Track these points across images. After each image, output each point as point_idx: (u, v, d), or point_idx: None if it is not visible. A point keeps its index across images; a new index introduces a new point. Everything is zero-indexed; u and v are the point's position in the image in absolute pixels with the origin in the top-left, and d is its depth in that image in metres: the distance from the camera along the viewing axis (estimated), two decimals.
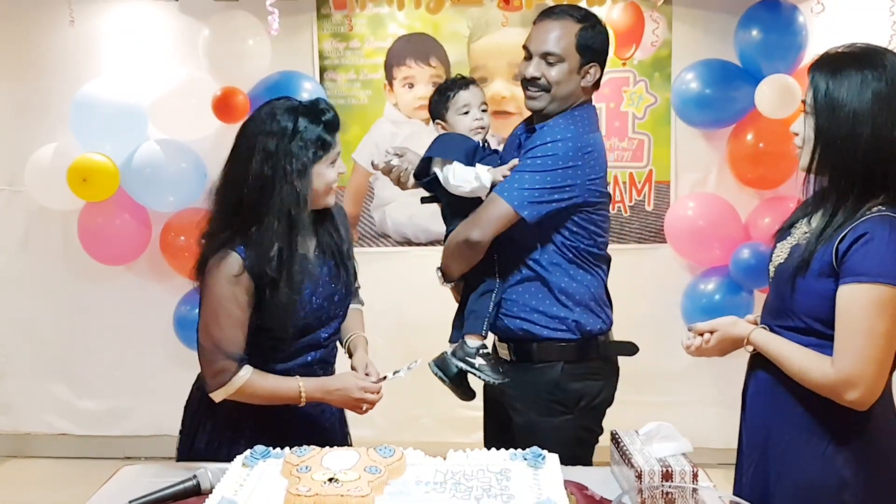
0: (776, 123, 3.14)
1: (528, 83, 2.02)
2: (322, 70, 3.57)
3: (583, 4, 3.12)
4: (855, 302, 1.44)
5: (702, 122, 3.46)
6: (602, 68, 2.05)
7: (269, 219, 1.74)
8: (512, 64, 3.52)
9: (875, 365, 1.44)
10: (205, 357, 1.79)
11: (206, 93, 3.29)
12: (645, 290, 3.60)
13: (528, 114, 2.14)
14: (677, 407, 3.48)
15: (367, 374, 1.90)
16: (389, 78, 3.58)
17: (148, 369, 3.71)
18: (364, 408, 1.85)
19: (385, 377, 1.89)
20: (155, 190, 3.39)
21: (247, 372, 1.77)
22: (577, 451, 1.60)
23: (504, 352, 2.11)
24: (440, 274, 2.16)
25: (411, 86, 3.58)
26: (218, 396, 1.78)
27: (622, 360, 3.73)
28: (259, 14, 3.23)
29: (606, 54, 2.06)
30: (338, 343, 2.03)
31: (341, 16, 3.52)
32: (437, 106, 2.13)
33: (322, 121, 1.78)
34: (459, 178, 2.00)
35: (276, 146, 1.75)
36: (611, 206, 2.14)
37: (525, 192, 1.93)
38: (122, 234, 3.48)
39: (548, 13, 2.03)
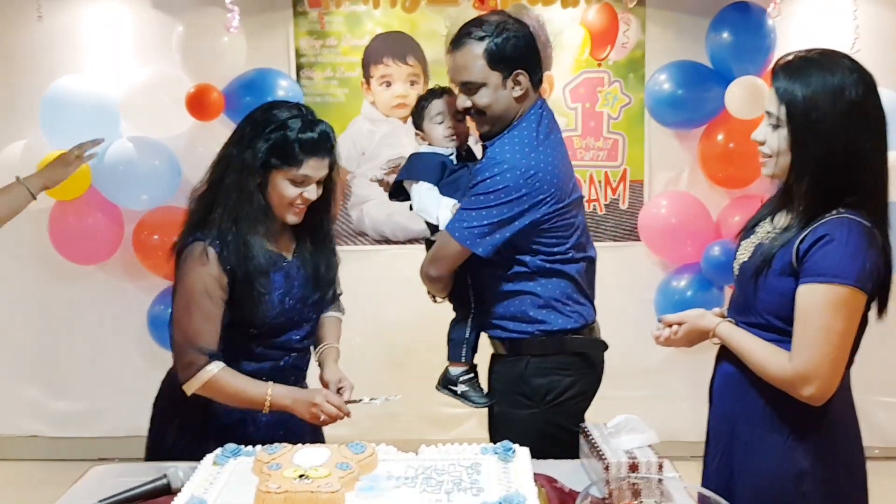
0: (746, 124, 3.18)
1: (466, 113, 2.01)
2: (298, 68, 3.57)
3: (556, 7, 3.14)
4: (813, 301, 1.47)
5: (674, 123, 3.51)
6: (532, 69, 1.97)
7: (224, 205, 1.75)
8: None
9: (830, 362, 1.47)
10: (176, 349, 1.78)
11: (179, 90, 3.26)
12: (619, 287, 3.63)
13: None
14: (651, 401, 3.52)
15: (339, 389, 1.86)
16: (367, 76, 3.58)
17: (121, 369, 3.68)
18: (322, 419, 1.78)
19: (359, 400, 1.85)
20: (127, 188, 3.36)
21: (216, 367, 1.75)
22: (543, 445, 1.62)
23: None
24: (430, 295, 2.18)
25: (389, 84, 3.58)
26: (188, 389, 1.77)
27: None
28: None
29: (531, 55, 1.97)
30: (311, 349, 2.02)
31: (317, 13, 3.52)
32: (416, 117, 2.15)
33: (298, 134, 1.74)
34: (422, 206, 2.05)
35: (248, 132, 1.77)
36: (579, 209, 2.09)
37: (474, 229, 1.93)
38: (94, 233, 3.44)
39: (453, 42, 1.97)
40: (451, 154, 2.10)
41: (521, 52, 1.95)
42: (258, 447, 1.48)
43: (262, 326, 1.81)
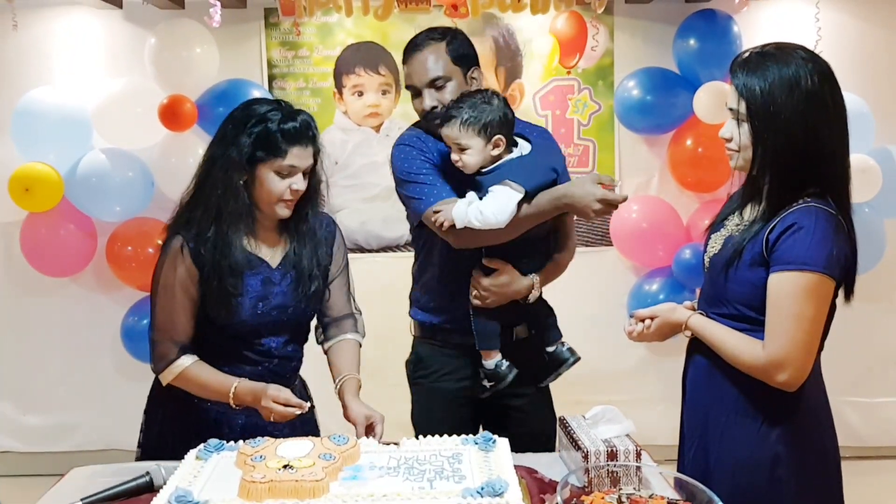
0: (714, 129, 3.23)
1: (429, 115, 2.02)
2: (271, 78, 3.59)
3: (526, 13, 3.21)
4: (784, 289, 1.51)
5: (643, 128, 3.58)
6: (479, 69, 2.10)
7: (206, 203, 1.78)
8: None
9: (803, 348, 1.51)
10: (151, 340, 1.84)
11: (152, 101, 3.26)
12: (592, 292, 3.69)
13: None
14: (625, 405, 3.49)
15: (369, 426, 1.80)
16: (339, 86, 3.61)
17: (95, 382, 3.64)
18: (272, 418, 1.75)
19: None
20: (100, 199, 3.34)
21: (189, 360, 1.80)
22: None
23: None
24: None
25: (361, 94, 3.61)
26: (163, 380, 1.82)
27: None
28: (206, 22, 3.23)
29: (477, 56, 2.10)
30: (298, 357, 2.00)
31: (290, 24, 3.54)
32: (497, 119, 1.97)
33: (280, 125, 1.75)
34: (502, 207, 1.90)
35: (230, 130, 1.79)
36: None
37: None
38: (66, 245, 3.41)
39: (412, 48, 2.04)
40: None
41: (473, 52, 2.08)
42: (241, 442, 1.48)
43: (232, 327, 1.82)
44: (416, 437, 1.55)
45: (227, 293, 1.77)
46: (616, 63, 3.61)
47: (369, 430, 1.80)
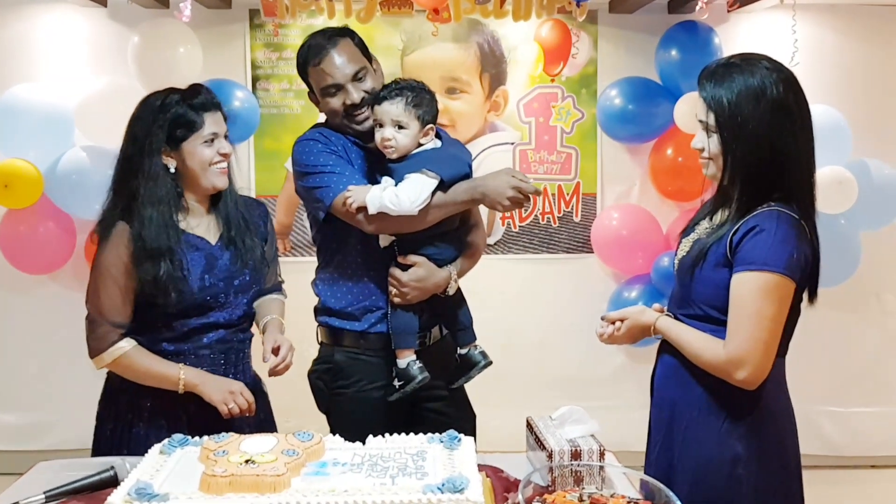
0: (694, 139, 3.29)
1: (360, 107, 2.01)
2: (255, 79, 3.59)
3: (508, 20, 3.23)
4: (745, 288, 1.54)
5: (625, 137, 3.62)
6: None
7: (142, 192, 1.83)
8: (445, 77, 3.61)
9: (762, 346, 1.54)
10: (88, 322, 1.87)
11: (134, 99, 3.20)
12: (573, 299, 3.72)
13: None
14: (604, 411, 3.52)
15: (276, 349, 1.94)
16: None
17: (72, 381, 3.60)
18: (230, 406, 1.84)
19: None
20: (80, 197, 3.32)
21: (128, 344, 1.84)
22: None
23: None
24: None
25: None
26: (98, 364, 1.87)
27: (553, 368, 3.81)
28: (190, 22, 3.23)
29: None
30: (250, 331, 2.07)
31: (273, 25, 3.55)
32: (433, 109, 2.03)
33: (189, 102, 1.87)
34: (417, 193, 1.91)
35: (142, 127, 1.87)
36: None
37: None
38: (45, 243, 3.39)
39: (320, 49, 2.01)
40: None
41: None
42: (206, 437, 1.48)
43: (182, 305, 1.86)
44: None
45: (174, 273, 1.83)
46: (599, 72, 3.64)
47: (275, 351, 1.95)
